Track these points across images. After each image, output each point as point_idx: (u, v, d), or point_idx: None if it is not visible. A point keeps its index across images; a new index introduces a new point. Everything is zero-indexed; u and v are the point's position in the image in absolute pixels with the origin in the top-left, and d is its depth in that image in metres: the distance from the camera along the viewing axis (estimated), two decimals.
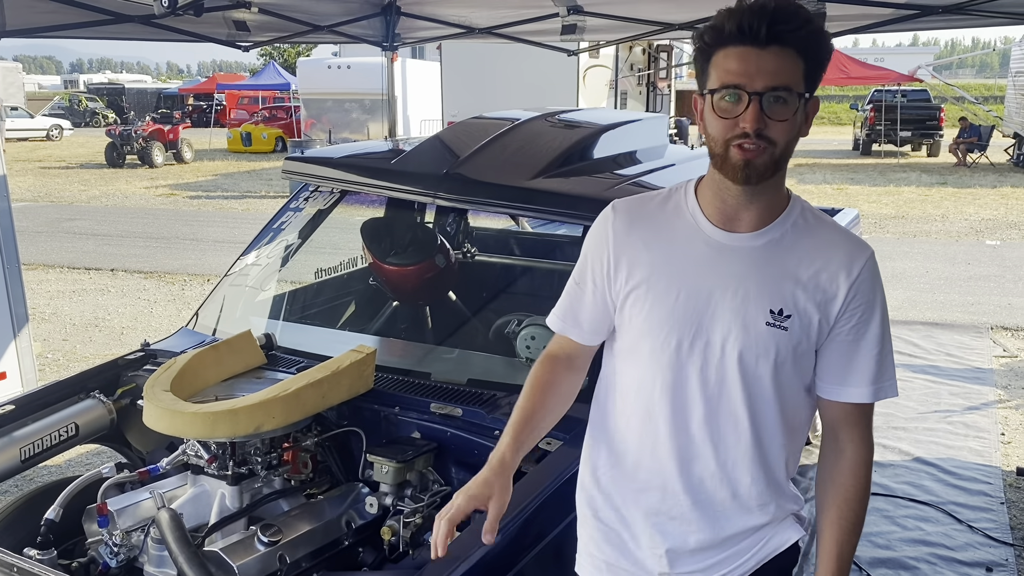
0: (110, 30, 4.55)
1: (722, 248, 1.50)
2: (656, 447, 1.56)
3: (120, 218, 13.24)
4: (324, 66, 21.64)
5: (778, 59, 1.36)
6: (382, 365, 2.61)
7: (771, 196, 1.49)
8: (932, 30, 5.08)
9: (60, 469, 4.21)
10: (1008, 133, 22.16)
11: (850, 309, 1.48)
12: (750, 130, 1.37)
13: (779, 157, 1.41)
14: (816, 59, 1.40)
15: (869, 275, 1.49)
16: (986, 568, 3.46)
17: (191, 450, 2.33)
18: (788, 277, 1.47)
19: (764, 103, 1.36)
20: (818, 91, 1.45)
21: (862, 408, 1.54)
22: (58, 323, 7.22)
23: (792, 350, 1.48)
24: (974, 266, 9.36)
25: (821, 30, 1.40)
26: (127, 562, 2.15)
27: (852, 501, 1.55)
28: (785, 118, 1.38)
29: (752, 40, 1.36)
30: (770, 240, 1.49)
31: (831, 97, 45.08)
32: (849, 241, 1.52)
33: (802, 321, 1.47)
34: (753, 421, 1.51)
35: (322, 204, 3.36)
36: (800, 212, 1.52)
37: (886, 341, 1.52)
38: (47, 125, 31.28)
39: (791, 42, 1.36)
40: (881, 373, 1.52)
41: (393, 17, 5.67)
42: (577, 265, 1.66)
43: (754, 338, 1.47)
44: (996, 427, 4.89)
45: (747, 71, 1.36)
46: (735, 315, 1.47)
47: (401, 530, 2.15)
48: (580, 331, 1.65)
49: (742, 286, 1.48)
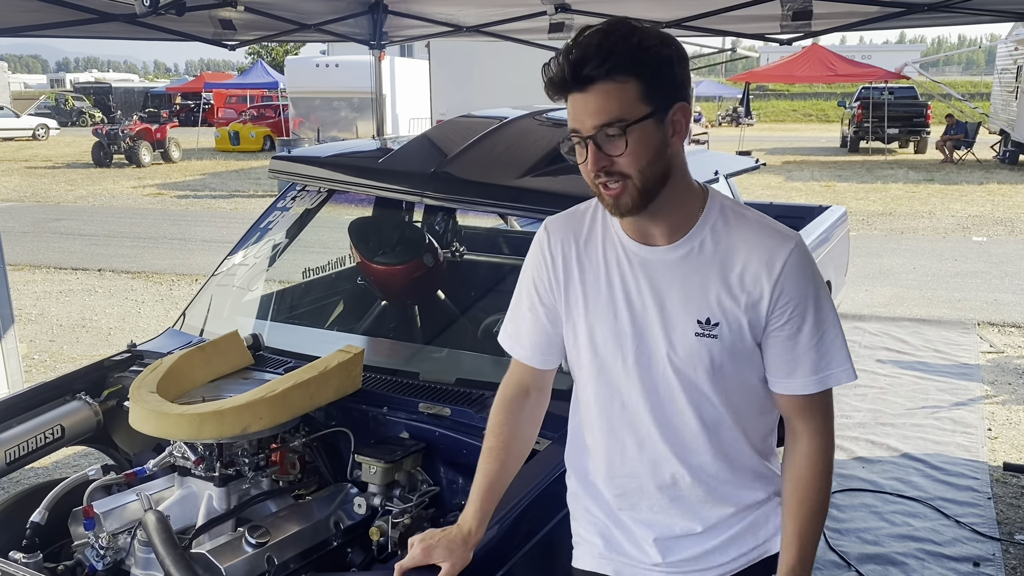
0: (95, 29, 4.53)
1: (644, 262, 1.51)
2: (624, 454, 1.60)
3: (107, 218, 13.17)
4: (312, 65, 21.58)
5: (600, 96, 1.34)
6: (370, 365, 2.60)
7: (676, 208, 1.47)
8: (919, 27, 5.11)
9: (46, 471, 4.18)
10: (994, 130, 22.32)
11: (779, 306, 1.46)
12: (593, 172, 1.38)
13: (643, 187, 1.39)
14: (652, 73, 1.35)
15: (794, 268, 1.45)
16: (973, 563, 3.48)
17: (178, 452, 2.32)
18: (711, 284, 1.47)
19: (600, 142, 1.36)
20: (806, 87, 1.44)
21: (811, 398, 1.52)
22: (45, 324, 7.17)
23: (728, 354, 1.49)
24: (961, 262, 9.42)
25: (641, 45, 1.34)
26: (114, 565, 2.13)
27: (811, 490, 1.54)
28: (621, 151, 1.36)
29: (570, 88, 1.36)
30: (689, 250, 1.48)
31: (819, 94, 45.27)
32: (770, 237, 1.48)
33: (731, 326, 1.47)
34: (704, 424, 1.54)
35: (309, 203, 3.34)
36: (719, 213, 1.50)
37: (828, 327, 1.49)
38: (33, 124, 31.11)
39: (607, 75, 1.33)
40: (826, 361, 1.49)
41: (380, 15, 5.66)
42: (520, 288, 1.69)
43: (686, 349, 1.49)
44: (983, 423, 4.92)
45: (577, 116, 1.37)
46: (664, 328, 1.50)
47: (390, 530, 2.14)
48: (538, 355, 1.69)
49: (668, 299, 1.49)
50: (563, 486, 1.82)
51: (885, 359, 6.04)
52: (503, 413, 1.73)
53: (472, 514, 1.68)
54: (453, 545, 1.65)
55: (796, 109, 44.42)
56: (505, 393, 1.74)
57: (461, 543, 1.66)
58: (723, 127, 34.67)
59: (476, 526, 1.68)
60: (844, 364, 1.51)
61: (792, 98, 46.86)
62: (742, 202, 3.67)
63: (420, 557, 1.65)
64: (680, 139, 1.43)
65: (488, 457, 1.71)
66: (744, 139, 23.70)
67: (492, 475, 1.69)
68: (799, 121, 41.68)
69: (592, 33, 1.35)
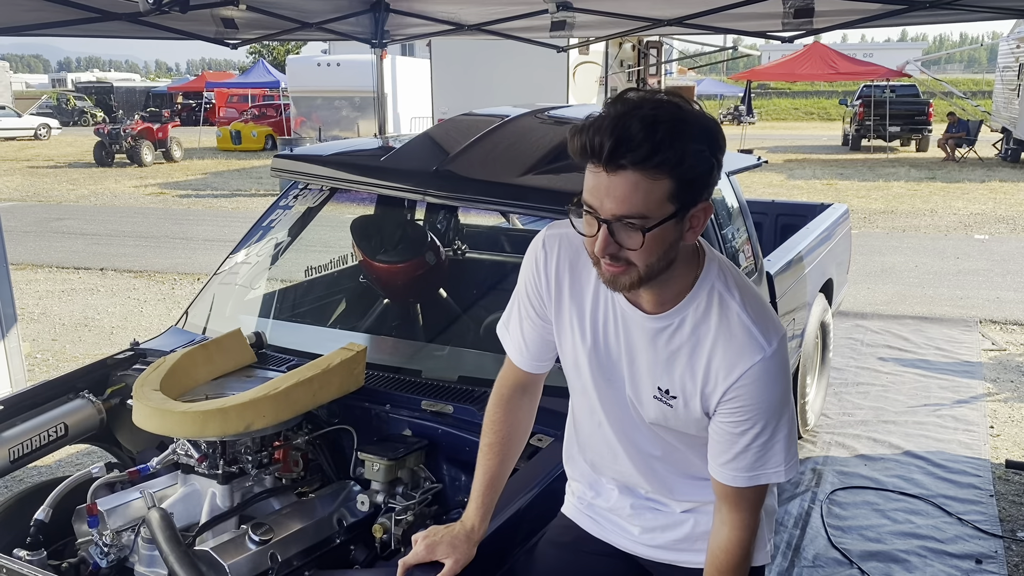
0: (97, 28, 4.53)
1: (628, 318, 1.52)
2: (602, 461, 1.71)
3: (109, 217, 13.18)
4: (314, 64, 21.57)
5: (628, 186, 1.24)
6: (373, 363, 2.60)
7: (667, 285, 1.43)
8: (920, 25, 5.11)
9: (50, 469, 4.19)
10: (996, 128, 22.27)
11: (727, 407, 1.45)
12: (599, 255, 1.32)
13: (646, 274, 1.34)
14: (685, 173, 1.25)
15: (752, 379, 1.41)
16: (975, 560, 3.48)
17: (181, 449, 2.32)
18: (678, 362, 1.48)
19: (614, 230, 1.28)
20: (807, 86, 1.43)
21: (740, 490, 1.49)
22: (47, 323, 7.18)
23: (682, 421, 1.53)
24: (963, 260, 9.41)
25: (683, 150, 1.23)
26: (117, 562, 2.14)
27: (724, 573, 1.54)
28: (636, 247, 1.29)
29: (599, 162, 1.25)
30: (667, 325, 1.47)
31: (820, 93, 45.21)
32: (743, 339, 1.42)
33: (687, 404, 1.50)
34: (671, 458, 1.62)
35: (311, 202, 3.35)
36: (707, 294, 1.44)
37: (776, 433, 1.45)
38: (35, 124, 31.10)
39: (639, 166, 1.23)
40: (762, 463, 1.46)
41: (382, 14, 5.66)
42: (518, 291, 1.70)
43: (646, 403, 1.55)
44: (985, 420, 4.92)
45: (597, 196, 1.27)
46: (630, 380, 1.55)
47: (393, 528, 2.15)
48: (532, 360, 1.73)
49: (638, 358, 1.53)
50: (564, 483, 1.84)
51: (887, 357, 6.04)
52: (499, 410, 1.75)
53: (475, 510, 1.70)
54: (456, 541, 1.67)
55: (798, 107, 44.37)
56: (501, 390, 1.77)
57: (464, 539, 1.68)
58: (725, 125, 34.39)
59: (479, 522, 1.70)
60: (779, 466, 1.47)
61: (794, 96, 46.81)
62: (742, 200, 3.68)
63: (423, 554, 1.66)
64: (695, 235, 1.36)
65: (487, 453, 1.73)
66: (746, 137, 23.68)
67: (492, 471, 1.72)
68: (801, 119, 41.63)
69: (639, 116, 1.23)
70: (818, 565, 3.45)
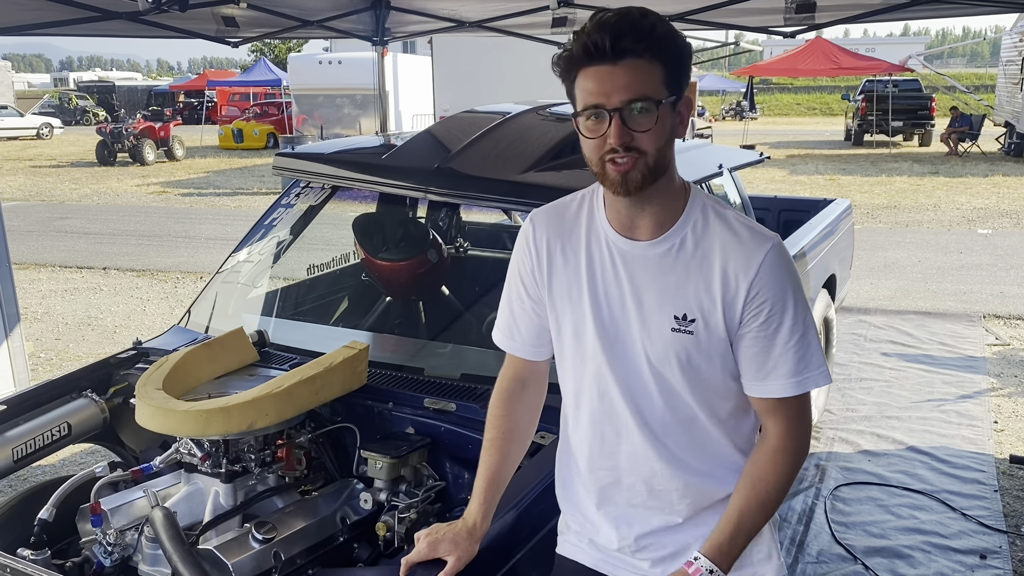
0: (98, 27, 4.53)
1: (626, 255, 1.52)
2: (603, 446, 1.61)
3: (112, 216, 13.19)
4: (315, 61, 21.58)
5: (631, 71, 1.37)
6: (375, 361, 2.60)
7: (663, 201, 1.49)
8: (923, 19, 5.09)
9: (53, 469, 4.20)
10: (999, 122, 22.22)
11: (755, 306, 1.46)
12: (616, 145, 1.39)
13: (654, 164, 1.42)
14: (675, 61, 1.41)
15: (770, 268, 1.46)
16: (980, 555, 3.47)
17: (184, 448, 2.32)
18: (691, 280, 1.48)
19: (625, 117, 1.38)
20: (809, 81, 1.45)
21: (786, 402, 1.50)
22: (50, 322, 7.19)
23: (702, 353, 1.49)
24: (966, 255, 9.39)
25: (670, 32, 1.40)
26: (121, 561, 2.14)
27: (767, 483, 1.51)
28: (647, 128, 1.39)
29: (601, 58, 1.37)
30: (669, 247, 1.49)
31: (823, 88, 45.15)
32: (749, 236, 1.49)
33: (707, 323, 1.48)
34: (679, 420, 1.54)
35: (313, 200, 3.35)
36: (700, 211, 1.51)
37: (806, 329, 1.49)
38: (37, 123, 31.15)
39: (641, 52, 1.37)
40: (804, 363, 1.48)
41: (383, 11, 5.66)
42: (509, 281, 1.71)
43: (660, 344, 1.50)
44: (989, 415, 4.91)
45: (603, 89, 1.38)
46: (642, 322, 1.51)
47: (396, 526, 2.15)
48: (528, 347, 1.71)
49: (647, 293, 1.50)
50: None
51: (890, 352, 6.03)
52: (501, 406, 1.74)
53: (477, 507, 1.70)
54: (459, 539, 1.67)
55: (800, 103, 44.30)
56: (502, 385, 1.76)
57: (467, 536, 1.67)
58: (727, 121, 34.54)
59: (481, 519, 1.69)
60: (822, 367, 1.50)
61: (796, 92, 46.73)
62: (744, 195, 3.67)
63: (426, 551, 1.66)
64: (683, 130, 1.46)
65: (489, 449, 1.72)
66: (748, 133, 23.66)
67: (494, 467, 1.71)
68: (803, 115, 41.58)
69: (625, 12, 1.38)
70: (822, 561, 3.45)
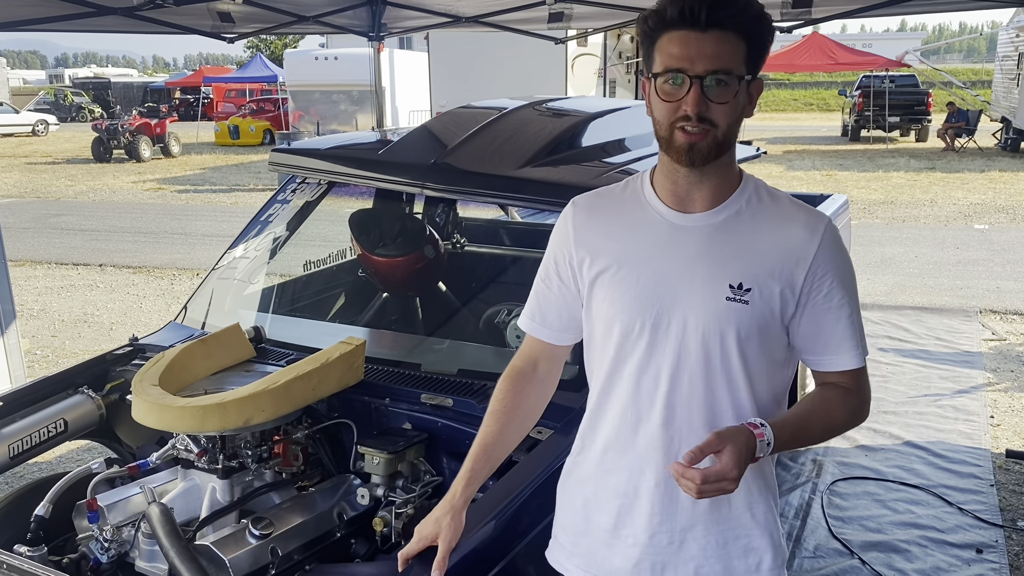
0: (93, 23, 4.52)
1: (679, 229, 1.51)
2: (635, 434, 1.55)
3: (108, 213, 13.17)
4: (311, 57, 21.52)
5: (719, 43, 1.38)
6: (372, 356, 2.60)
7: (722, 175, 1.50)
8: (919, 15, 5.09)
9: (50, 465, 4.19)
10: (995, 117, 22.23)
11: (817, 278, 1.48)
12: (692, 113, 1.39)
13: (722, 139, 1.44)
14: (758, 42, 1.43)
15: (832, 243, 1.49)
16: (976, 550, 3.48)
17: (181, 444, 2.32)
18: (746, 251, 1.48)
19: (705, 86, 1.39)
20: (806, 76, 1.45)
21: (856, 373, 1.54)
22: (46, 319, 7.18)
23: (756, 324, 1.47)
24: (963, 250, 9.40)
25: (762, 13, 1.42)
26: (118, 557, 2.14)
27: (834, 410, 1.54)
28: (726, 100, 1.40)
29: (693, 24, 1.38)
30: (726, 217, 1.50)
31: (820, 83, 45.11)
32: (806, 212, 1.53)
33: (763, 293, 1.46)
34: (719, 402, 1.50)
35: (310, 196, 3.34)
36: (754, 189, 1.54)
37: (857, 303, 1.54)
38: (33, 120, 31.04)
39: (731, 26, 1.38)
40: (861, 335, 1.54)
41: (379, 7, 5.65)
42: (542, 264, 1.70)
43: (715, 316, 1.47)
44: (985, 410, 4.92)
45: (688, 55, 1.38)
46: (695, 294, 1.48)
47: (393, 521, 2.15)
48: (550, 330, 1.69)
49: (701, 264, 1.49)
50: None
51: (887, 347, 6.04)
52: (508, 381, 1.72)
53: (461, 475, 1.66)
54: (439, 514, 1.64)
55: (797, 98, 44.29)
56: (515, 364, 1.74)
57: (448, 511, 1.64)
58: None
59: (463, 487, 1.65)
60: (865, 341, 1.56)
61: (793, 87, 46.72)
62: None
63: (416, 545, 1.64)
64: (751, 110, 1.49)
65: (488, 420, 1.69)
66: (745, 128, 23.55)
67: (488, 436, 1.67)
68: (800, 110, 41.56)
69: None
70: (819, 555, 3.46)
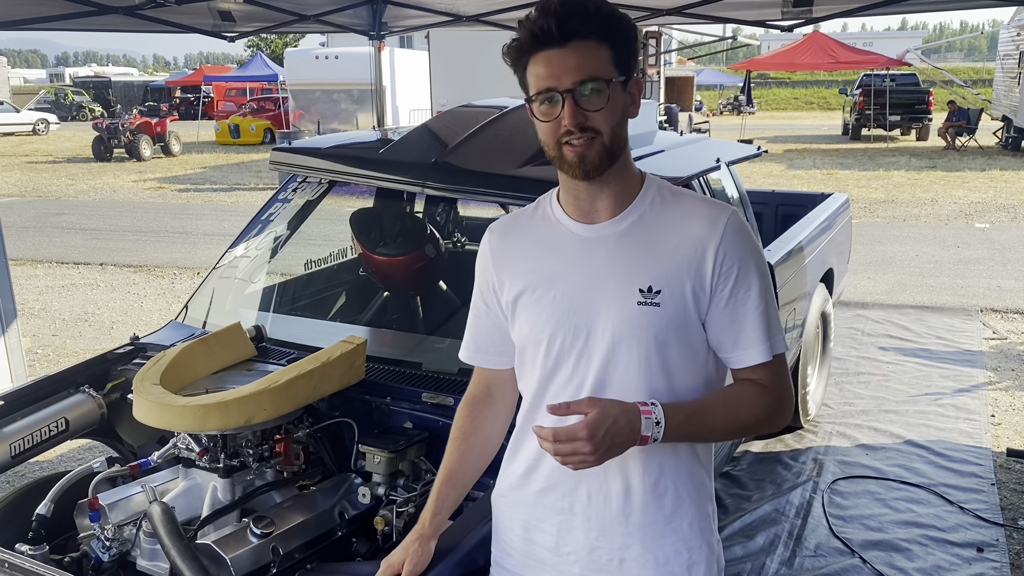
0: (94, 22, 4.52)
1: (587, 241, 1.52)
2: None
3: (108, 212, 13.17)
4: (312, 56, 21.53)
5: (580, 53, 1.40)
6: (373, 355, 2.60)
7: (621, 181, 1.51)
8: (920, 13, 5.09)
9: (51, 464, 4.20)
10: (996, 116, 22.23)
11: (724, 270, 1.47)
12: (571, 126, 1.41)
13: (610, 144, 1.44)
14: (621, 42, 1.43)
15: (734, 233, 1.48)
16: (977, 548, 3.48)
17: (182, 443, 2.32)
18: (653, 253, 1.48)
19: (577, 98, 1.40)
20: (807, 75, 1.44)
21: (767, 368, 1.51)
22: (47, 318, 7.18)
23: (671, 325, 1.46)
24: (964, 249, 9.40)
25: (616, 14, 1.43)
26: (119, 556, 2.14)
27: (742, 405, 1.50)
28: (600, 107, 1.41)
29: (550, 42, 1.40)
30: (631, 223, 1.51)
31: (820, 82, 45.11)
32: (708, 206, 1.54)
33: (674, 293, 1.46)
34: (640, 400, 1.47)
35: (310, 195, 3.34)
36: (656, 190, 1.55)
37: (770, 295, 1.52)
38: (33, 119, 31.06)
39: (589, 33, 1.40)
40: (773, 329, 1.51)
41: (380, 5, 5.65)
42: (473, 294, 1.71)
43: (629, 322, 1.46)
44: (986, 409, 4.92)
45: (554, 72, 1.40)
46: (609, 303, 1.48)
47: (394, 520, 2.16)
48: (487, 356, 1.71)
49: (611, 272, 1.49)
50: None
51: (888, 346, 6.04)
52: (465, 408, 1.74)
53: (428, 505, 1.68)
54: (409, 545, 1.65)
55: (797, 97, 44.29)
56: (470, 391, 1.76)
57: (416, 540, 1.65)
58: (724, 116, 34.52)
59: (430, 517, 1.67)
60: (782, 333, 1.55)
61: (793, 86, 46.71)
62: (742, 189, 3.67)
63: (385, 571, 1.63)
64: (635, 110, 1.50)
65: (449, 448, 1.72)
66: (745, 127, 23.64)
67: (451, 464, 1.69)
68: (800, 109, 41.56)
69: None
70: (820, 554, 3.46)
